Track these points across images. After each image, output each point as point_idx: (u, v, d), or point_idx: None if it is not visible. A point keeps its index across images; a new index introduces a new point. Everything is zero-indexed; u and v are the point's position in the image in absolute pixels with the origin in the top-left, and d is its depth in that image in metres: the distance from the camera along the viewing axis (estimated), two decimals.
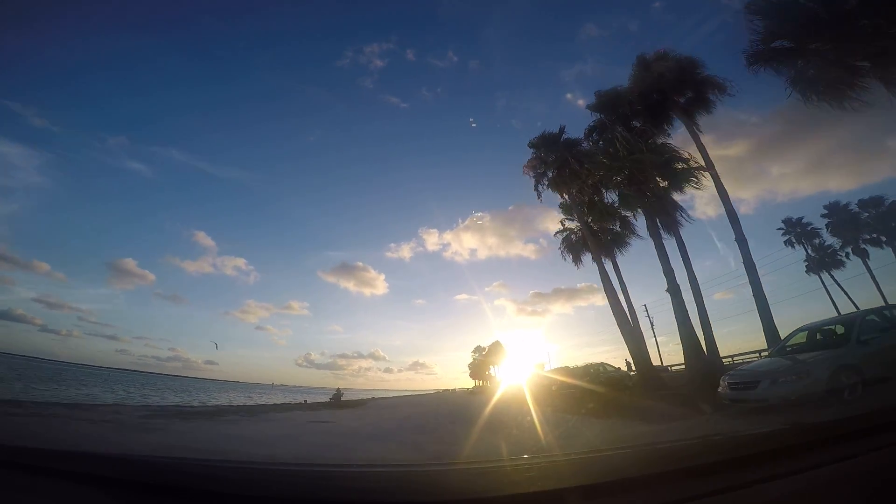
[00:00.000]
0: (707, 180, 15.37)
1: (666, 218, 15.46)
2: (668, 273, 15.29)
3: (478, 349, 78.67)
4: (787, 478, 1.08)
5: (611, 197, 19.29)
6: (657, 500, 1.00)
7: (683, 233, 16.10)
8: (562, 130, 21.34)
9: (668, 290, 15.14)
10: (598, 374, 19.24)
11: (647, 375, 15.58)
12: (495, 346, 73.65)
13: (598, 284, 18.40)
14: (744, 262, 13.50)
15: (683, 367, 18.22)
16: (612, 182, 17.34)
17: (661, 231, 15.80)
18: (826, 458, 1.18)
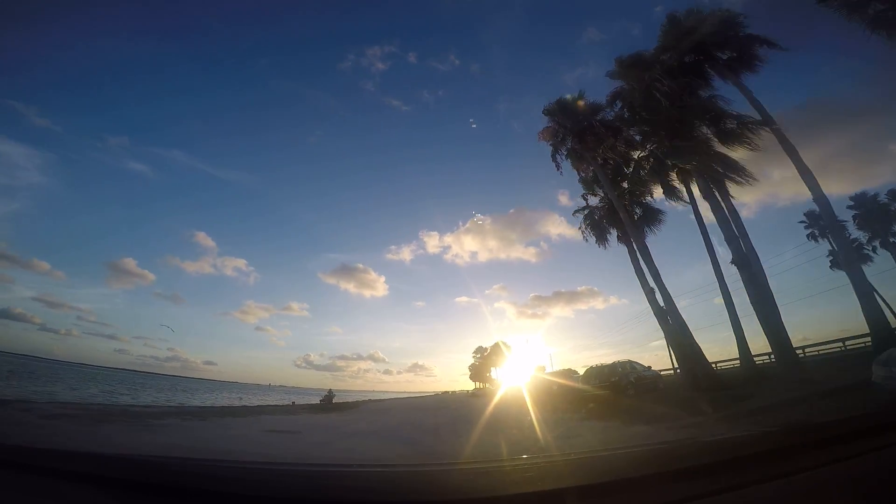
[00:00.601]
0: (768, 135, 12.80)
1: (722, 174, 12.78)
2: (733, 240, 12.41)
3: (479, 350, 76.80)
4: (785, 478, 1.02)
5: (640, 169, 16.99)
6: (654, 500, 0.98)
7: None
8: (581, 95, 19.06)
9: (733, 262, 12.29)
10: (627, 374, 16.40)
11: (696, 374, 12.56)
12: (496, 347, 71.59)
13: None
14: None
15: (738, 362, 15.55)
16: (650, 140, 14.80)
17: (715, 195, 12.99)
18: (824, 458, 1.11)
